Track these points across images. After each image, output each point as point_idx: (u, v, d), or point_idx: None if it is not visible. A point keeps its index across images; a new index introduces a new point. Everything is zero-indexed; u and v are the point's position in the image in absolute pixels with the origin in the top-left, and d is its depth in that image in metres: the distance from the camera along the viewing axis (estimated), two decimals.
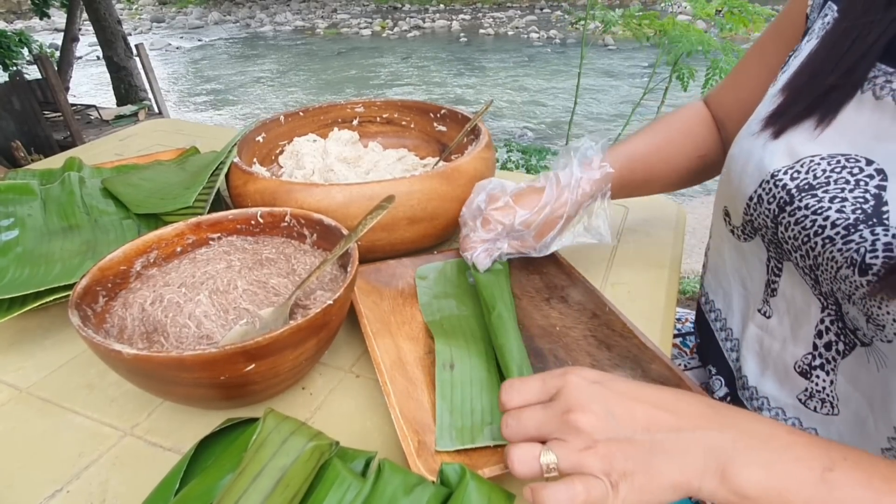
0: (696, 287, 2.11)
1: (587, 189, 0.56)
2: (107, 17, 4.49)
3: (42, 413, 0.46)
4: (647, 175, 0.61)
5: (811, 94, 0.43)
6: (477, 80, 6.62)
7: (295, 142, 0.78)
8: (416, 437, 0.39)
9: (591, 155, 0.57)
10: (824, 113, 0.42)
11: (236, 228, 0.55)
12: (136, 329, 0.46)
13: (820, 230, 0.39)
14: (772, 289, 0.48)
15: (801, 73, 0.46)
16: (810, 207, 0.40)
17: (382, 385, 0.42)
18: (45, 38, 7.36)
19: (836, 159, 0.40)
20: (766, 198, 0.44)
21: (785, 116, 0.44)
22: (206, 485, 0.34)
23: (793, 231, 0.42)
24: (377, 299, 0.54)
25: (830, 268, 0.40)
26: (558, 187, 0.55)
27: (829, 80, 0.42)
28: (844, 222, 0.38)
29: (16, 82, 3.26)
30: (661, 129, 0.63)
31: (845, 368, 0.43)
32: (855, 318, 0.40)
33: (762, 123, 0.46)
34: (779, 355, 0.48)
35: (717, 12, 1.73)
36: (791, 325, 0.47)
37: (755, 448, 0.32)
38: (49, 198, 0.68)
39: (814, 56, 0.45)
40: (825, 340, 0.44)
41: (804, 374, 0.46)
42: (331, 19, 11.93)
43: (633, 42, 2.43)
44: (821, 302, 0.43)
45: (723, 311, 0.57)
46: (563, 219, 0.55)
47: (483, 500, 0.33)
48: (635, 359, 0.47)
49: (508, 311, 0.50)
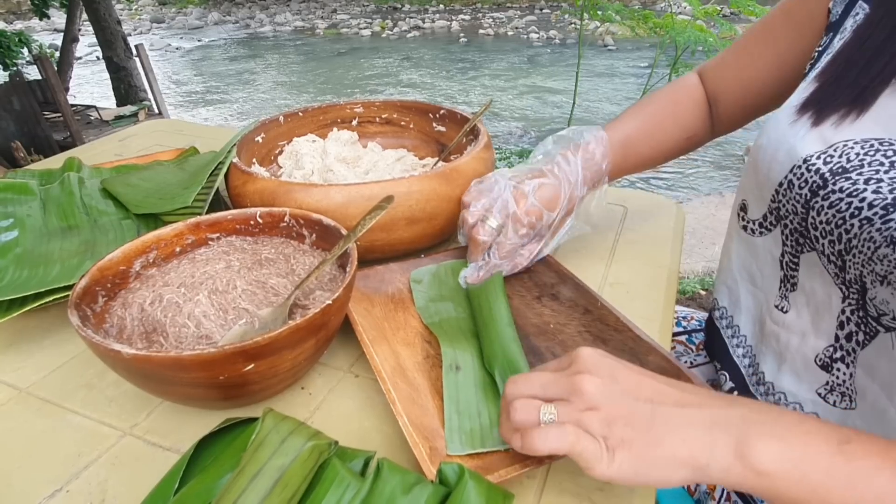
0: (695, 287, 2.11)
1: (590, 186, 0.57)
2: (106, 18, 4.48)
3: (41, 413, 0.46)
4: (636, 159, 0.62)
5: (846, 82, 0.44)
6: (476, 80, 6.61)
7: (294, 142, 0.78)
8: (426, 443, 0.38)
9: (593, 149, 0.57)
10: (860, 101, 0.43)
11: (235, 228, 0.55)
12: (136, 329, 0.46)
13: (857, 212, 0.40)
14: (791, 283, 0.48)
15: (835, 62, 0.46)
16: (845, 190, 0.41)
17: (386, 392, 0.42)
18: (44, 39, 7.35)
19: (870, 143, 0.41)
20: (798, 183, 0.44)
21: (820, 104, 0.45)
22: (205, 484, 0.35)
23: (826, 215, 0.42)
24: (368, 306, 0.53)
25: (867, 249, 0.40)
26: (569, 185, 0.55)
27: (865, 70, 0.43)
28: (882, 202, 0.39)
29: (16, 83, 3.26)
30: (653, 112, 0.63)
31: (864, 360, 0.43)
32: (884, 301, 0.40)
33: (795, 110, 0.47)
34: (798, 349, 0.48)
35: (718, 13, 1.73)
36: (812, 318, 0.47)
37: (766, 422, 0.31)
38: (48, 198, 0.68)
39: (848, 46, 0.46)
40: (846, 331, 0.44)
41: (825, 367, 0.46)
42: (331, 20, 11.92)
43: (632, 42, 2.44)
44: (842, 291, 0.43)
45: (728, 308, 0.57)
46: (572, 216, 0.56)
47: (482, 499, 0.33)
48: (632, 351, 0.47)
49: (507, 321, 0.49)
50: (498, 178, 0.56)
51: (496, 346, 0.46)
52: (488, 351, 0.46)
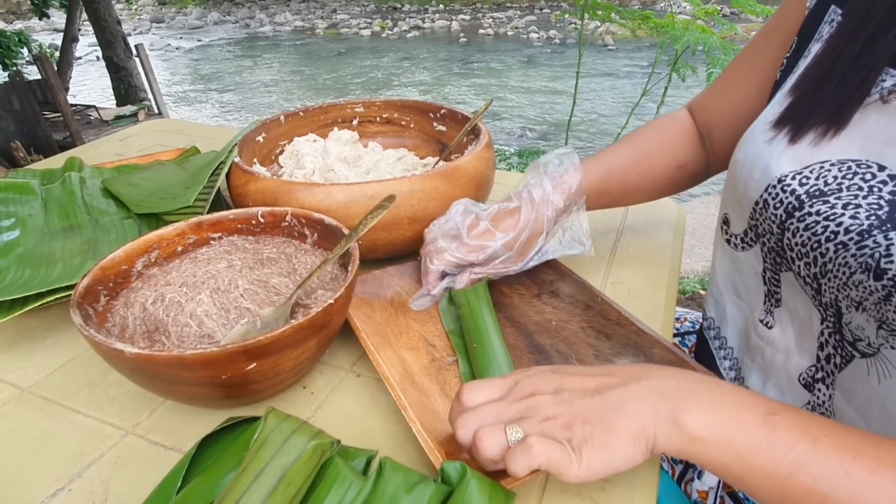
0: (695, 287, 2.11)
1: (560, 204, 0.56)
2: (106, 18, 4.48)
3: (43, 412, 0.46)
4: (622, 188, 0.61)
5: (822, 99, 0.43)
6: (476, 80, 6.62)
7: (295, 142, 0.78)
8: (441, 448, 0.38)
9: (561, 170, 0.56)
10: (834, 119, 0.42)
11: (237, 228, 0.55)
12: (138, 328, 0.46)
13: (833, 236, 0.39)
14: (775, 299, 0.48)
15: (808, 77, 0.45)
16: (822, 213, 0.40)
17: (397, 399, 0.42)
18: (44, 39, 7.35)
19: (847, 165, 0.40)
20: (773, 203, 0.43)
21: (797, 121, 0.44)
22: (208, 483, 0.35)
23: (801, 237, 0.41)
24: (369, 311, 0.53)
25: (842, 274, 0.39)
26: (533, 206, 0.54)
27: (840, 86, 0.42)
28: (858, 228, 0.38)
29: (16, 82, 3.25)
30: (638, 143, 0.62)
31: (841, 383, 0.43)
32: (859, 327, 0.40)
33: (770, 127, 0.46)
34: (782, 367, 0.48)
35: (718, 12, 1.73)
36: (795, 336, 0.46)
37: (700, 391, 0.34)
38: (50, 198, 0.68)
39: (821, 59, 0.45)
40: (826, 353, 0.44)
41: (808, 386, 0.46)
42: (330, 20, 11.92)
43: (632, 42, 2.44)
44: (820, 313, 0.43)
45: (715, 319, 0.57)
46: (543, 235, 0.55)
47: (484, 497, 0.33)
48: (636, 345, 0.47)
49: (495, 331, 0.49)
50: (456, 204, 0.56)
51: (489, 356, 0.46)
52: (481, 363, 0.46)
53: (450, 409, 0.37)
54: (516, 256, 0.55)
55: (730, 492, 0.54)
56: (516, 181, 0.86)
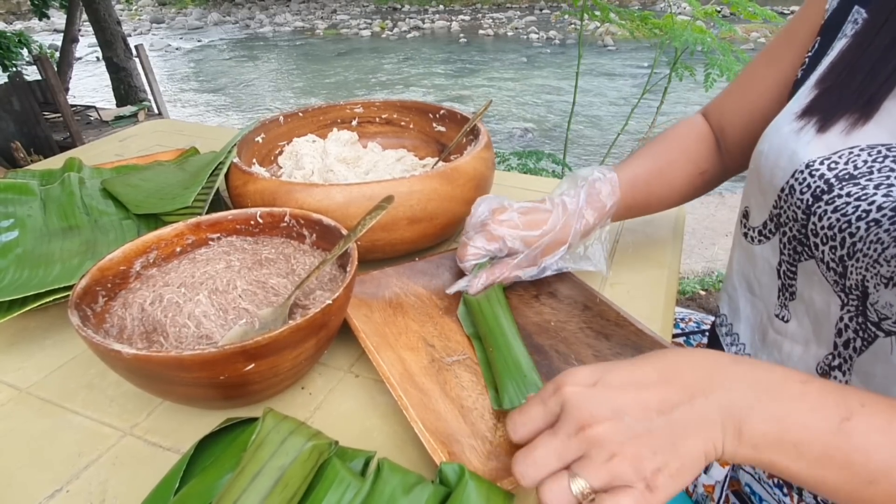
0: (695, 287, 2.11)
1: (591, 221, 0.55)
2: (106, 18, 4.49)
3: (42, 413, 0.46)
4: (648, 198, 0.61)
5: (851, 89, 0.44)
6: (476, 80, 6.62)
7: (294, 142, 0.78)
8: (444, 448, 0.38)
9: (599, 187, 0.56)
10: (865, 108, 0.43)
11: (236, 229, 0.55)
12: (136, 329, 0.46)
13: (864, 214, 0.40)
14: (790, 293, 0.48)
15: (835, 69, 0.47)
16: (853, 195, 0.41)
17: (398, 399, 0.41)
18: (44, 39, 7.35)
19: (877, 149, 0.41)
20: (800, 188, 0.44)
21: (825, 111, 0.45)
22: (206, 484, 0.35)
23: (829, 220, 0.42)
24: (368, 312, 0.53)
25: (873, 251, 0.40)
26: (565, 213, 0.54)
27: (870, 77, 0.43)
28: (892, 204, 0.39)
29: (15, 83, 3.25)
30: (659, 152, 0.62)
31: (859, 367, 0.43)
32: (887, 305, 0.40)
33: (796, 118, 0.47)
34: (801, 358, 0.48)
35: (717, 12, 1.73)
36: (812, 326, 0.47)
37: (766, 402, 0.32)
38: (49, 198, 0.68)
39: (848, 53, 0.46)
40: (844, 339, 0.44)
41: (824, 374, 0.47)
42: (330, 20, 11.93)
43: (632, 43, 2.44)
44: (841, 299, 0.44)
45: (728, 316, 0.57)
46: (566, 245, 0.54)
47: (482, 499, 0.33)
48: (635, 345, 0.47)
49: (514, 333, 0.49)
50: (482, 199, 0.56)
51: (508, 359, 0.46)
52: (501, 365, 0.45)
53: None
54: (532, 260, 0.54)
55: (735, 490, 0.54)
56: (516, 181, 0.86)
